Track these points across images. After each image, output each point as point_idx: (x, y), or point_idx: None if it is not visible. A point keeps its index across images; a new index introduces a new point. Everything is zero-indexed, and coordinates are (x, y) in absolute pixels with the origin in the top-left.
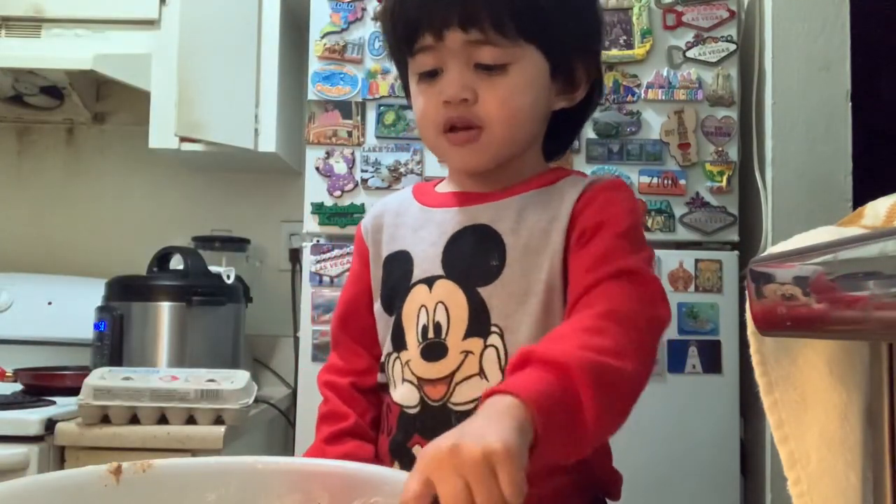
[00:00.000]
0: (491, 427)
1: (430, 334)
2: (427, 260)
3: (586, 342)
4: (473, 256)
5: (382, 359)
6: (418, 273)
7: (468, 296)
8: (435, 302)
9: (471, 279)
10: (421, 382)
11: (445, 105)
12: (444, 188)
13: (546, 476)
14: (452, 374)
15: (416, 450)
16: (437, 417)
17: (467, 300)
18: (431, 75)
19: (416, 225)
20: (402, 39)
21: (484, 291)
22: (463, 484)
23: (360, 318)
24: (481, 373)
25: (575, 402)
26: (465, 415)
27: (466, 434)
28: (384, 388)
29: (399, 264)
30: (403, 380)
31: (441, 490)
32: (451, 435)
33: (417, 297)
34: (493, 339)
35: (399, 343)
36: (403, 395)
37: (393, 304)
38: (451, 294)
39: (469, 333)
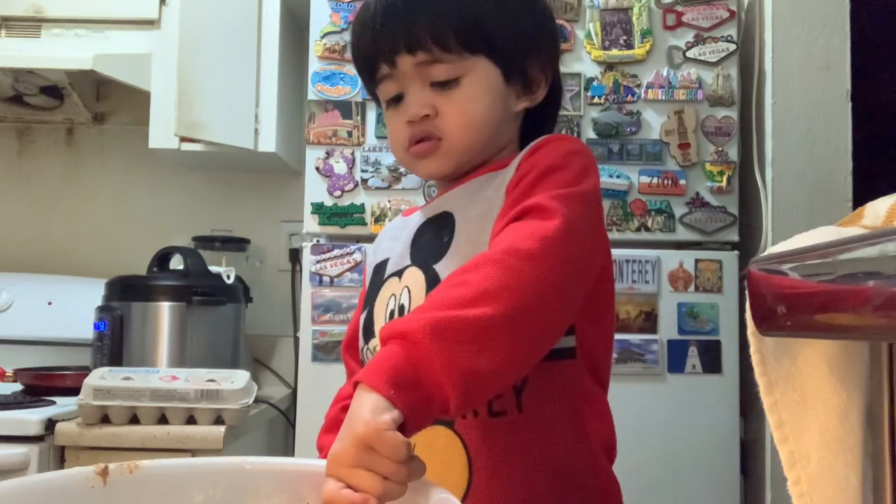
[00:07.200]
0: (352, 418)
1: (396, 316)
2: (398, 256)
3: (440, 299)
4: (432, 240)
5: (360, 356)
6: (390, 269)
7: (426, 274)
8: (402, 288)
9: (428, 259)
10: None
11: (409, 124)
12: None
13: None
14: None
15: None
16: None
17: (425, 278)
18: (396, 100)
19: (395, 234)
20: (365, 74)
21: (438, 266)
22: (363, 471)
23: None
24: None
25: (424, 364)
26: None
27: (341, 433)
28: None
29: (379, 270)
30: None
31: (352, 483)
32: (338, 436)
33: (388, 289)
34: None
35: (368, 333)
36: None
37: (367, 302)
38: (414, 277)
39: None
